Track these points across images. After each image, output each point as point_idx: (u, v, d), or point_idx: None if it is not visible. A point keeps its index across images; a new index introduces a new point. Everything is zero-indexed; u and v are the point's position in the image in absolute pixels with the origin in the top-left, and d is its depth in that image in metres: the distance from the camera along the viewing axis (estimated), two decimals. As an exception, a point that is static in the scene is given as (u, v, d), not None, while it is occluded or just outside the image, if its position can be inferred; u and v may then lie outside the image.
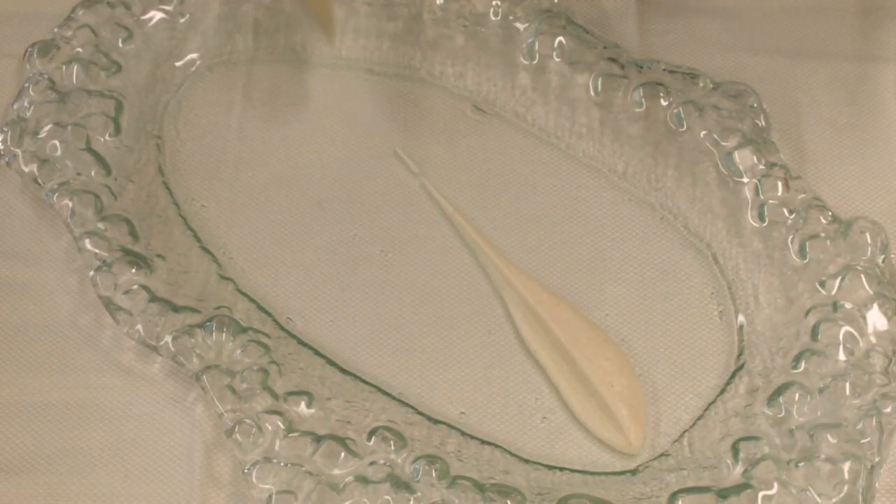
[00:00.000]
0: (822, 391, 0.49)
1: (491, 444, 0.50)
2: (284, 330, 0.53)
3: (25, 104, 0.56)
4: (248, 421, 0.48)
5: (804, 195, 0.54)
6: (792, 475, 0.47)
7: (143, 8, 0.60)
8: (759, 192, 0.54)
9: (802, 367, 0.50)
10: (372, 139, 0.59)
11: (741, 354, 0.52)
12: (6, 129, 0.56)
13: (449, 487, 0.47)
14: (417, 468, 0.47)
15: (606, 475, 0.49)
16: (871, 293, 0.51)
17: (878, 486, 0.48)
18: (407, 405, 0.51)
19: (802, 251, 0.52)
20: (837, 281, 0.51)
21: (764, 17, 0.63)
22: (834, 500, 0.46)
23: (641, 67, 0.57)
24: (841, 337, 0.50)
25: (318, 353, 0.52)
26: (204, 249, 0.55)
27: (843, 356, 0.49)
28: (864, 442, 0.47)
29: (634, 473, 0.49)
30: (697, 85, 0.57)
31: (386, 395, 0.51)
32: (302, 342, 0.52)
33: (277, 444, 0.48)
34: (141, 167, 0.57)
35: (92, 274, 0.52)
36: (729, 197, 0.55)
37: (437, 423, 0.51)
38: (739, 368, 0.52)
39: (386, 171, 0.58)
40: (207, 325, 0.51)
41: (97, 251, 0.52)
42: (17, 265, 0.55)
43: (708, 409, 0.51)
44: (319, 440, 0.48)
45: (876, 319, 0.50)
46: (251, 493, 0.48)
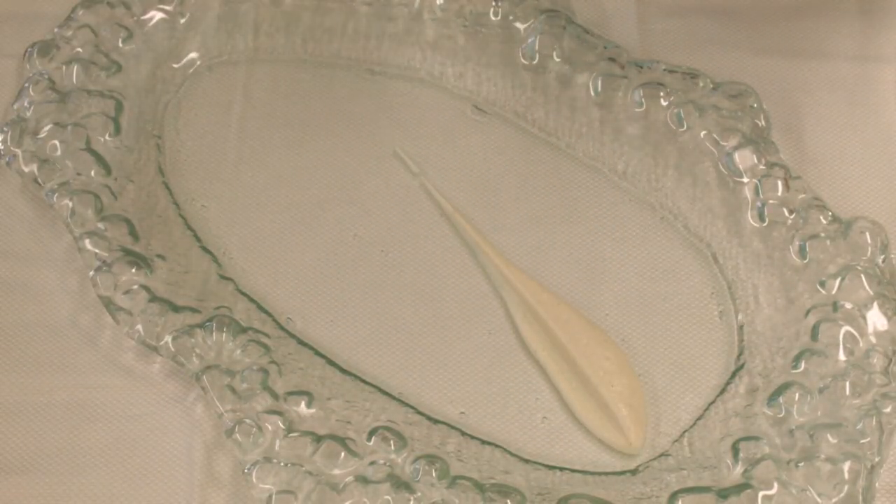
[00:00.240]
0: (822, 391, 0.49)
1: (491, 444, 0.50)
2: (284, 330, 0.53)
3: (25, 104, 0.56)
4: (248, 421, 0.48)
5: (804, 195, 0.54)
6: (792, 475, 0.47)
7: (143, 8, 0.60)
8: (759, 192, 0.54)
9: (802, 367, 0.50)
10: (372, 139, 0.59)
11: (741, 354, 0.52)
12: (6, 129, 0.56)
13: (449, 487, 0.47)
14: (417, 468, 0.47)
15: (606, 475, 0.49)
16: (871, 293, 0.51)
17: (878, 486, 0.48)
18: (407, 405, 0.51)
19: (802, 251, 0.52)
20: (837, 281, 0.51)
21: (764, 17, 0.63)
22: (834, 500, 0.46)
23: (641, 67, 0.57)
24: (841, 337, 0.50)
25: (318, 353, 0.52)
26: (204, 249, 0.55)
27: (843, 356, 0.49)
28: (864, 442, 0.47)
29: (634, 473, 0.49)
30: (697, 85, 0.57)
31: (386, 395, 0.51)
32: (302, 342, 0.52)
33: (277, 444, 0.48)
34: (141, 167, 0.57)
35: (92, 274, 0.52)
36: (729, 197, 0.55)
37: (437, 423, 0.50)
38: (739, 368, 0.52)
39: (386, 171, 0.58)
40: (207, 325, 0.51)
41: (97, 251, 0.52)
42: (17, 265, 0.55)
43: (708, 409, 0.51)
44: (319, 440, 0.48)
45: (876, 319, 0.50)
46: (251, 493, 0.48)
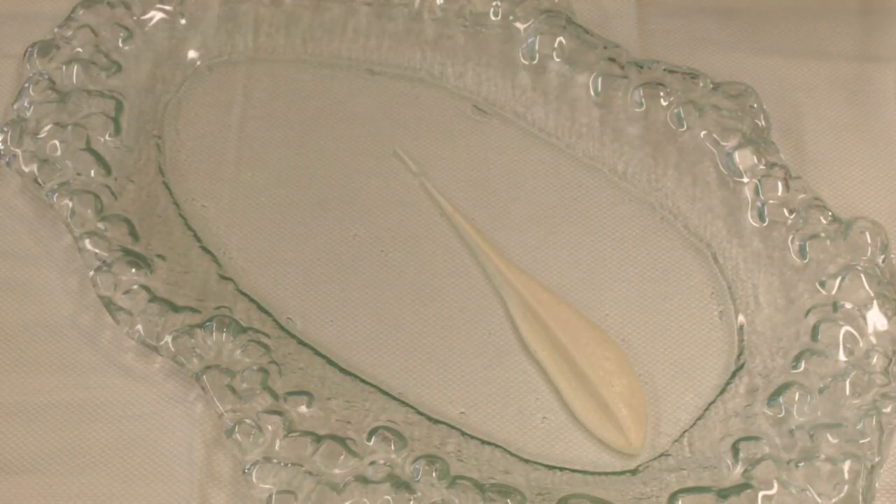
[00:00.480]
0: (822, 391, 0.49)
1: (491, 444, 0.50)
2: (284, 330, 0.53)
3: (25, 104, 0.56)
4: (248, 421, 0.48)
5: (804, 195, 0.54)
6: (792, 475, 0.47)
7: (143, 8, 0.60)
8: (759, 192, 0.54)
9: (802, 367, 0.50)
10: (372, 139, 0.59)
11: (741, 354, 0.52)
12: (6, 129, 0.56)
13: (449, 487, 0.47)
14: (417, 468, 0.47)
15: (606, 475, 0.49)
16: (871, 293, 0.51)
17: (878, 486, 0.48)
18: (407, 405, 0.51)
19: (802, 251, 0.52)
20: (837, 281, 0.51)
21: (764, 17, 0.63)
22: (834, 500, 0.46)
23: (641, 67, 0.57)
24: (841, 337, 0.50)
25: (318, 353, 0.52)
26: (204, 249, 0.55)
27: (843, 356, 0.49)
28: (864, 442, 0.47)
29: (634, 473, 0.49)
30: (697, 85, 0.57)
31: (386, 395, 0.51)
32: (302, 342, 0.52)
33: (277, 444, 0.48)
34: (141, 167, 0.57)
35: (92, 274, 0.52)
36: (729, 197, 0.55)
37: (437, 423, 0.50)
38: (739, 368, 0.52)
39: (386, 171, 0.58)
40: (207, 325, 0.51)
41: (97, 251, 0.52)
42: (17, 265, 0.55)
43: (708, 409, 0.51)
44: (319, 440, 0.48)
45: (876, 319, 0.50)
46: (251, 492, 0.48)
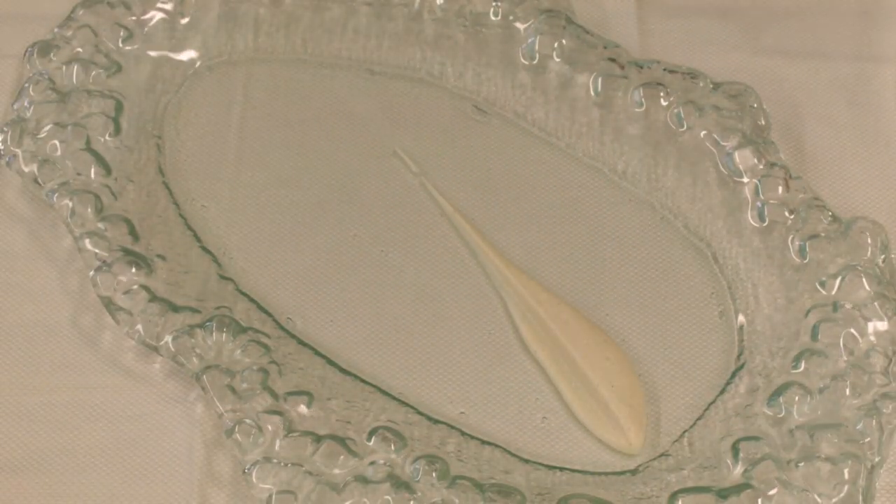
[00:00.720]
0: (822, 391, 0.49)
1: (491, 444, 0.50)
2: (284, 330, 0.53)
3: (25, 104, 0.56)
4: (248, 421, 0.48)
5: (804, 195, 0.54)
6: (792, 475, 0.47)
7: (143, 8, 0.60)
8: (759, 192, 0.54)
9: (802, 367, 0.50)
10: (372, 139, 0.59)
11: (741, 354, 0.52)
12: (6, 129, 0.56)
13: (449, 487, 0.47)
14: (417, 468, 0.47)
15: (606, 475, 0.49)
16: (871, 293, 0.51)
17: (878, 486, 0.48)
18: (407, 405, 0.51)
19: (802, 251, 0.52)
20: (837, 281, 0.51)
21: (764, 17, 0.63)
22: (834, 500, 0.46)
23: (641, 67, 0.57)
24: (841, 337, 0.50)
25: (318, 353, 0.52)
26: (204, 249, 0.55)
27: (843, 356, 0.49)
28: (864, 442, 0.47)
29: (634, 473, 0.49)
30: (697, 85, 0.57)
31: (386, 395, 0.51)
32: (302, 342, 0.52)
33: (277, 444, 0.48)
34: (141, 167, 0.57)
35: (92, 274, 0.52)
36: (729, 197, 0.55)
37: (437, 423, 0.50)
38: (739, 368, 0.52)
39: (386, 171, 0.58)
40: (207, 325, 0.51)
41: (97, 251, 0.52)
42: (17, 265, 0.55)
43: (708, 409, 0.51)
44: (319, 440, 0.48)
45: (876, 319, 0.50)
46: (251, 492, 0.47)
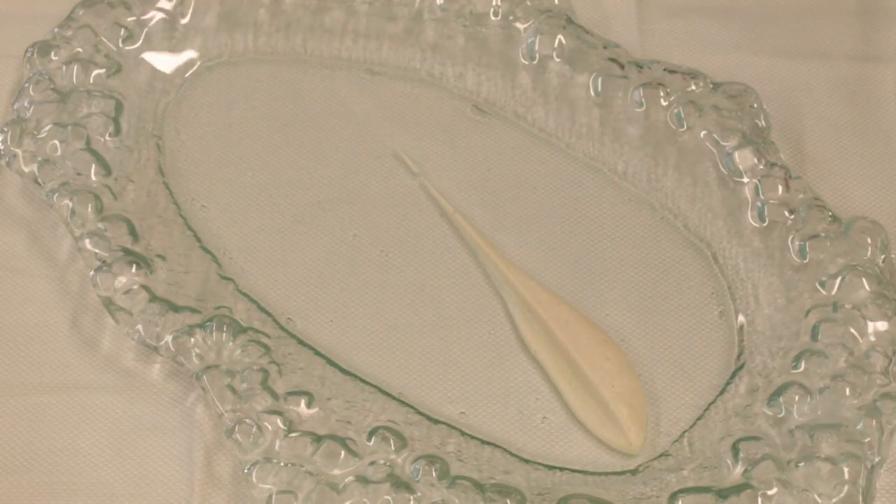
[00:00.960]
0: (822, 391, 0.49)
1: (491, 444, 0.50)
2: (284, 330, 0.53)
3: (25, 104, 0.56)
4: (248, 421, 0.48)
5: (804, 195, 0.54)
6: (792, 475, 0.47)
7: (143, 8, 0.60)
8: (759, 192, 0.54)
9: (802, 367, 0.50)
10: (372, 139, 0.59)
11: (741, 354, 0.52)
12: (6, 129, 0.56)
13: (449, 487, 0.47)
14: (417, 468, 0.47)
15: (606, 475, 0.49)
16: (871, 293, 0.51)
17: (878, 486, 0.48)
18: (407, 405, 0.51)
19: (802, 251, 0.52)
20: (837, 281, 0.51)
21: (764, 17, 0.63)
22: (834, 500, 0.46)
23: (641, 67, 0.57)
24: (841, 337, 0.50)
25: (318, 353, 0.52)
26: (204, 249, 0.55)
27: (843, 356, 0.49)
28: (864, 442, 0.47)
29: (634, 473, 0.49)
30: (697, 85, 0.57)
31: (386, 395, 0.51)
32: (302, 342, 0.52)
33: (277, 444, 0.48)
34: (141, 167, 0.57)
35: (92, 274, 0.52)
36: (729, 197, 0.55)
37: (437, 423, 0.50)
38: (739, 368, 0.52)
39: (386, 171, 0.58)
40: (207, 325, 0.51)
41: (97, 251, 0.52)
42: (17, 265, 0.55)
43: (708, 409, 0.51)
44: (319, 440, 0.48)
45: (876, 319, 0.50)
46: (251, 493, 0.47)
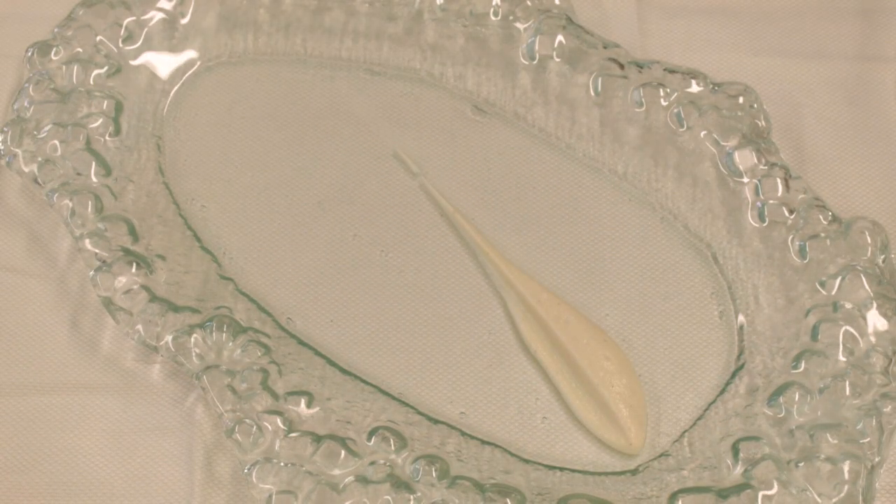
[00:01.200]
0: (822, 391, 0.49)
1: (491, 444, 0.50)
2: (284, 330, 0.53)
3: (25, 104, 0.56)
4: (248, 421, 0.48)
5: (804, 195, 0.54)
6: (792, 475, 0.47)
7: (143, 8, 0.60)
8: (759, 192, 0.54)
9: (802, 367, 0.50)
10: (372, 139, 0.59)
11: (741, 354, 0.52)
12: (6, 129, 0.56)
13: (449, 487, 0.47)
14: (417, 468, 0.47)
15: (606, 475, 0.49)
16: (871, 293, 0.51)
17: (878, 486, 0.48)
18: (407, 405, 0.51)
19: (802, 251, 0.52)
20: (837, 281, 0.51)
21: (764, 17, 0.63)
22: (834, 500, 0.46)
23: (641, 67, 0.57)
24: (841, 337, 0.50)
25: (318, 353, 0.52)
26: (204, 249, 0.55)
27: (843, 356, 0.49)
28: (864, 442, 0.47)
29: (634, 473, 0.49)
30: (697, 85, 0.57)
31: (386, 395, 0.51)
32: (302, 342, 0.52)
33: (277, 444, 0.48)
34: (141, 167, 0.57)
35: (92, 274, 0.52)
36: (729, 197, 0.55)
37: (437, 423, 0.51)
38: (739, 368, 0.52)
39: (386, 171, 0.58)
40: (207, 325, 0.51)
41: (97, 251, 0.52)
42: (16, 265, 0.55)
43: (708, 409, 0.51)
44: (319, 440, 0.48)
45: (876, 319, 0.50)
46: (251, 493, 0.48)
